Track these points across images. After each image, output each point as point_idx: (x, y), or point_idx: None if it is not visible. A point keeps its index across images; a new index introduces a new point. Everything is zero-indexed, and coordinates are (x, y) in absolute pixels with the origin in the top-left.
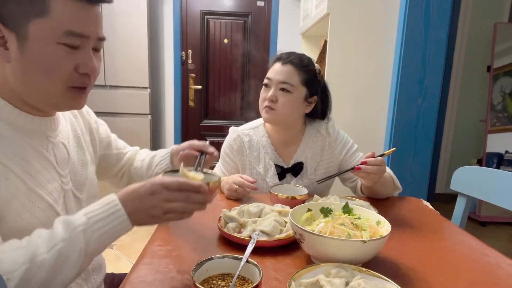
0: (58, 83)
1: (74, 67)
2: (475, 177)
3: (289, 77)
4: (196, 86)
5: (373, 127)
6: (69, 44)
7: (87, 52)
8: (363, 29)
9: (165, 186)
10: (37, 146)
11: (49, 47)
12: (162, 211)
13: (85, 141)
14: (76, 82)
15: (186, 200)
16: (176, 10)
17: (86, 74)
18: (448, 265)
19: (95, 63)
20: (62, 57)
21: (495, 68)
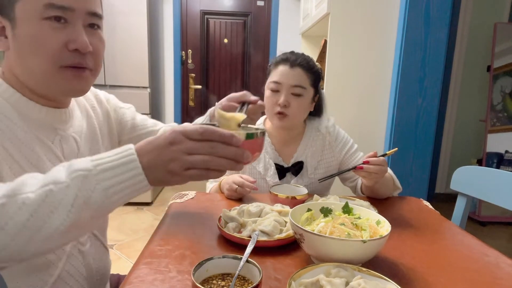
0: (48, 62)
1: (63, 44)
2: (475, 177)
3: (300, 80)
4: (196, 86)
5: (373, 127)
6: (54, 17)
7: (76, 27)
8: (363, 29)
9: (186, 134)
10: (43, 137)
11: (33, 24)
12: (182, 165)
13: (102, 134)
14: (67, 60)
15: (211, 152)
16: (176, 10)
17: (77, 51)
18: (448, 265)
19: (85, 38)
20: (47, 33)
21: (495, 68)
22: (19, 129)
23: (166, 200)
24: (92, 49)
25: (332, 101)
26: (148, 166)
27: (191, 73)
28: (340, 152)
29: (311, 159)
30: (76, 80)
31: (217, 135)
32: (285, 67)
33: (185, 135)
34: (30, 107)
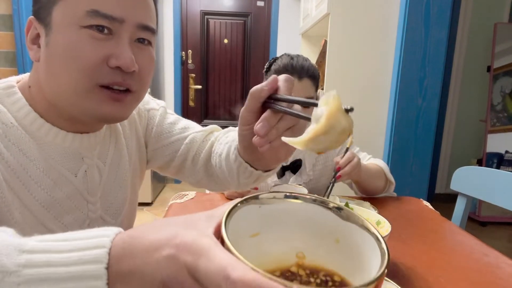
0: (82, 75)
1: (103, 58)
2: (475, 177)
3: (309, 92)
4: (196, 86)
5: (373, 127)
6: (96, 27)
7: (122, 40)
8: (363, 29)
9: (200, 278)
10: (65, 171)
11: (70, 32)
12: None
13: (129, 152)
14: (107, 78)
15: None
16: (176, 10)
17: (119, 68)
18: (448, 265)
19: (131, 54)
20: (85, 43)
21: (495, 68)
22: (35, 167)
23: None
24: (138, 68)
25: None
26: None
27: (191, 73)
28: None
29: (309, 156)
30: (116, 104)
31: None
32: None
33: (195, 278)
34: (52, 135)
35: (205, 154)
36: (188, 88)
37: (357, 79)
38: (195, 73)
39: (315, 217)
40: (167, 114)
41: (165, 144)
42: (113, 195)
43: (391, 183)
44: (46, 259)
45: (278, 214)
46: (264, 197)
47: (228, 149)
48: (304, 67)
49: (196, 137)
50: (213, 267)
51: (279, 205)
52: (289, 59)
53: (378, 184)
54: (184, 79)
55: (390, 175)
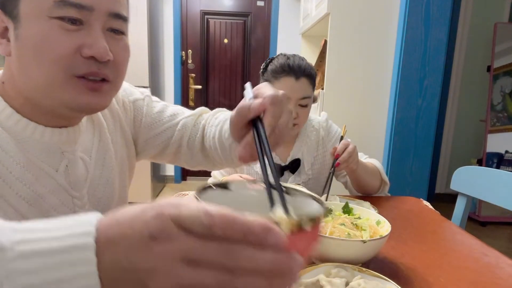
0: (56, 69)
1: (76, 49)
2: (475, 177)
3: (307, 91)
4: (196, 86)
5: (373, 127)
6: (66, 18)
7: (94, 30)
8: (363, 29)
9: (181, 224)
10: (45, 166)
11: (40, 24)
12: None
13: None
14: (81, 69)
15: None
16: (176, 10)
17: (93, 59)
18: (448, 265)
19: (104, 43)
20: (57, 34)
21: (495, 68)
22: (14, 162)
23: None
24: (113, 58)
25: (332, 101)
26: (110, 268)
27: (191, 73)
28: (332, 146)
29: (307, 155)
30: (91, 94)
31: (238, 229)
32: (290, 79)
33: (180, 226)
34: (30, 131)
35: (199, 138)
36: (188, 88)
37: (357, 79)
38: (195, 73)
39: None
40: (153, 102)
41: (157, 133)
42: (101, 190)
43: (385, 183)
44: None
45: (243, 199)
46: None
47: (220, 130)
48: (301, 67)
49: (187, 122)
50: (194, 208)
51: (244, 191)
52: (285, 59)
53: (373, 183)
54: (184, 79)
55: (385, 176)
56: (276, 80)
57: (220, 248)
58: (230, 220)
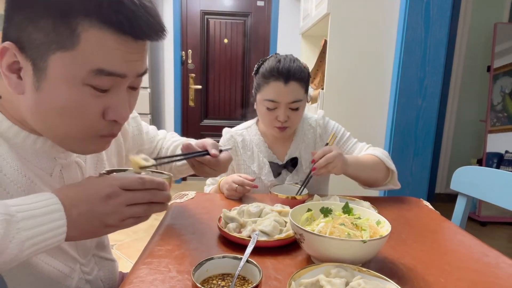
0: (79, 129)
1: (102, 111)
2: (475, 177)
3: (297, 95)
4: (196, 86)
5: (373, 127)
6: (98, 87)
7: (121, 93)
8: (363, 29)
9: (125, 186)
10: (39, 170)
11: (70, 88)
12: (121, 217)
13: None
14: (103, 131)
15: (151, 200)
16: (176, 10)
17: (115, 121)
18: (448, 265)
19: (127, 107)
20: (86, 100)
21: (495, 68)
22: (8, 165)
23: None
24: None
25: (332, 101)
26: (78, 219)
27: (191, 73)
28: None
29: (305, 153)
30: (101, 145)
31: (155, 183)
32: (278, 83)
33: (124, 188)
34: (22, 138)
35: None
36: (188, 88)
37: (357, 79)
38: (195, 73)
39: None
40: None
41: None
42: None
43: (392, 171)
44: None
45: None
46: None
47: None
48: (291, 70)
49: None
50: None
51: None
52: (275, 62)
53: (376, 176)
54: (184, 79)
55: (390, 163)
56: (266, 84)
57: (148, 193)
58: (151, 179)
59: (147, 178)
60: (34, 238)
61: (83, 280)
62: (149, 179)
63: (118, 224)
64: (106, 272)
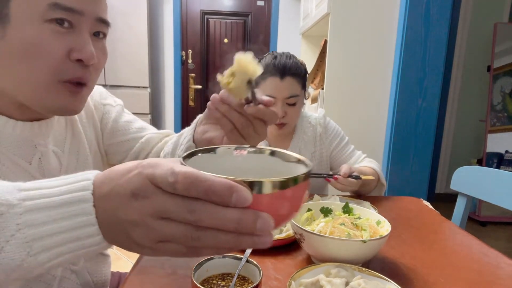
0: (45, 71)
1: (66, 52)
2: (475, 177)
3: (293, 90)
4: (196, 86)
5: (373, 127)
6: (58, 20)
7: (83, 34)
8: (363, 29)
9: (156, 182)
10: (17, 159)
11: (32, 26)
12: (150, 236)
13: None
14: (68, 73)
15: (192, 220)
16: (176, 10)
17: (81, 62)
18: (448, 265)
19: (92, 48)
20: (48, 37)
21: (495, 68)
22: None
23: None
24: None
25: (332, 101)
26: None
27: (191, 73)
28: (330, 144)
29: (305, 151)
30: (72, 98)
31: (201, 189)
32: (275, 79)
33: (155, 184)
34: (1, 124)
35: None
36: (188, 88)
37: (357, 79)
38: (195, 73)
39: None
40: (124, 112)
41: (121, 141)
42: None
43: (382, 185)
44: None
45: (228, 164)
46: (219, 150)
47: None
48: (286, 66)
49: (152, 138)
50: (165, 168)
51: (229, 156)
52: (271, 58)
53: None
54: (184, 79)
55: (383, 178)
56: (262, 80)
57: (184, 204)
58: (193, 178)
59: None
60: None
61: (68, 270)
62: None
63: (149, 245)
64: (94, 264)
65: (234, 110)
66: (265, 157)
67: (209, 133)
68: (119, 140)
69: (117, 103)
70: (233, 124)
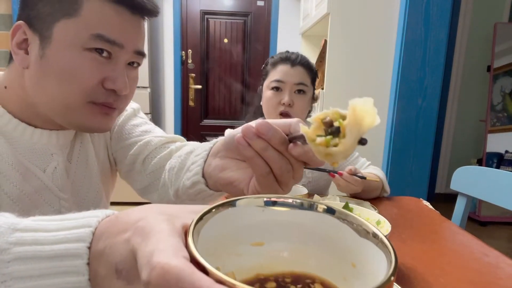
0: (77, 94)
1: (101, 80)
2: (475, 177)
3: (303, 78)
4: (196, 86)
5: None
6: (98, 50)
7: (120, 64)
8: (363, 29)
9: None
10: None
11: (72, 51)
12: None
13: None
14: (99, 98)
15: None
16: (176, 10)
17: (113, 91)
18: (448, 265)
19: (126, 79)
20: (86, 65)
21: (495, 68)
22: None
23: None
24: None
25: (332, 101)
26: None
27: (191, 73)
28: None
29: None
30: (102, 118)
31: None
32: (285, 66)
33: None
34: (20, 131)
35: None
36: (188, 88)
37: (357, 79)
38: (195, 73)
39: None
40: (135, 116)
41: (124, 146)
42: (84, 192)
43: (385, 192)
44: (35, 237)
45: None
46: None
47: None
48: (298, 56)
49: (152, 141)
50: (146, 250)
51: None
52: (284, 52)
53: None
54: (184, 79)
55: (387, 185)
56: (273, 68)
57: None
58: (172, 280)
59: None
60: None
61: None
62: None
63: None
64: None
65: (274, 149)
66: (318, 217)
67: (230, 172)
68: (122, 145)
69: (130, 106)
70: (270, 167)
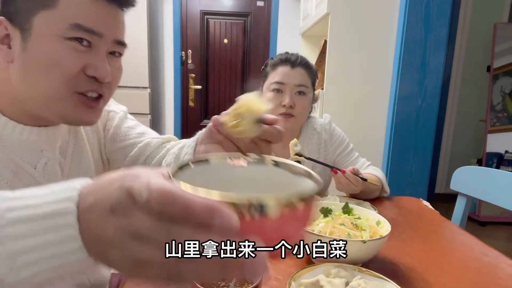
0: (61, 84)
1: (82, 68)
2: (475, 177)
3: (303, 79)
4: (196, 86)
5: (373, 127)
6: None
7: (100, 53)
8: (363, 29)
9: (135, 197)
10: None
11: (52, 42)
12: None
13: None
14: (83, 87)
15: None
16: (176, 10)
17: (95, 78)
18: (448, 265)
19: (107, 67)
20: (67, 54)
21: (495, 68)
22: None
23: None
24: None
25: (332, 101)
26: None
27: (191, 73)
28: (334, 151)
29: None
30: (87, 110)
31: (178, 210)
32: (285, 67)
33: (134, 199)
34: (9, 129)
35: (159, 160)
36: (188, 88)
37: (357, 79)
38: (195, 73)
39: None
40: (126, 118)
41: (121, 147)
42: None
43: (384, 192)
44: (26, 203)
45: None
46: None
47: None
48: (298, 58)
49: (151, 142)
50: (142, 182)
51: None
52: (284, 53)
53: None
54: (184, 79)
55: (387, 186)
56: (273, 70)
57: (159, 226)
58: (168, 197)
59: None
60: (29, 253)
61: None
62: (164, 195)
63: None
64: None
65: None
66: (268, 169)
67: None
68: (119, 146)
69: (120, 109)
70: (237, 146)
